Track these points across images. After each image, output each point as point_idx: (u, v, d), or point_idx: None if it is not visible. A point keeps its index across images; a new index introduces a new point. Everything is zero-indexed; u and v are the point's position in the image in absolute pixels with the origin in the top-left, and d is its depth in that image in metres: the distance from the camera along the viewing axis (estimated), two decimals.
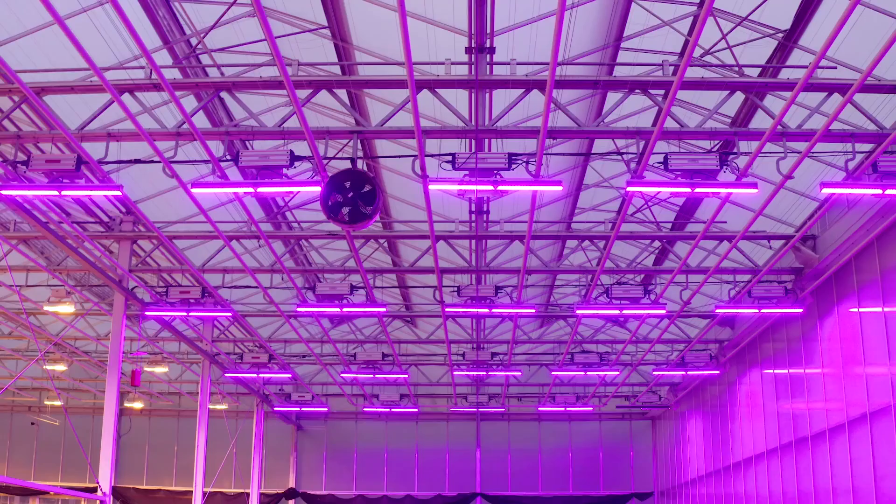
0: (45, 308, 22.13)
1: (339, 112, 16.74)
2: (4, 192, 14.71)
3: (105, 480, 20.33)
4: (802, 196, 19.33)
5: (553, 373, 29.17)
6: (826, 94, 14.45)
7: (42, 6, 10.98)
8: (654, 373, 28.98)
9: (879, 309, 18.65)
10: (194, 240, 21.10)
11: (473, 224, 20.26)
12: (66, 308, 22.12)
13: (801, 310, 21.45)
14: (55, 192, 14.56)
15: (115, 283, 20.86)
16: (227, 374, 28.63)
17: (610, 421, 40.61)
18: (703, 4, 10.81)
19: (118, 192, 14.49)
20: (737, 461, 28.42)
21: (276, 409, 35.09)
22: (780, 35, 15.26)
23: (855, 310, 19.81)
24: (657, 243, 22.34)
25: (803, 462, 22.74)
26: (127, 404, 37.39)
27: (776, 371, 25.05)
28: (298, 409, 34.23)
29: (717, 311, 21.63)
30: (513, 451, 40.70)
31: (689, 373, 28.51)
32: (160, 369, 28.90)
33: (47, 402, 37.85)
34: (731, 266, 21.36)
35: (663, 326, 25.50)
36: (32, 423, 40.93)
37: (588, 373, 27.64)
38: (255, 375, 28.20)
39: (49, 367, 28.56)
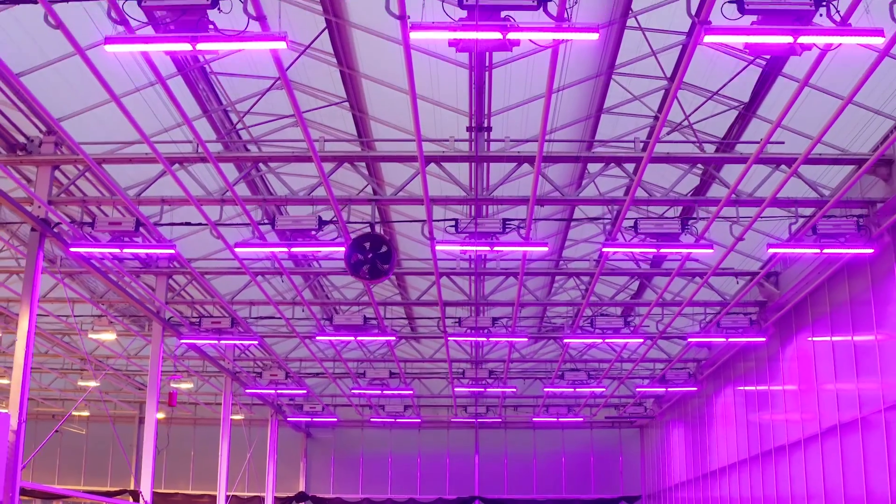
0: (90, 335, 24.71)
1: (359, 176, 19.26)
2: (74, 250, 17.30)
3: (146, 488, 22.95)
4: (768, 235, 20.35)
5: (545, 389, 31.80)
6: (775, 165, 16.85)
7: (101, 86, 12.99)
8: (638, 389, 31.61)
9: (829, 338, 21.29)
10: (224, 275, 23.64)
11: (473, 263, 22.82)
12: (108, 335, 24.71)
13: (763, 339, 24.07)
14: (118, 250, 17.13)
15: (153, 315, 23.44)
16: (247, 391, 31.24)
17: (600, 429, 43.23)
18: (674, 80, 12.59)
19: (171, 251, 17.06)
20: (713, 469, 31.09)
21: (289, 419, 37.70)
22: (741, 106, 17.17)
23: (810, 339, 22.43)
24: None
25: (769, 471, 25.40)
26: None
27: (746, 388, 27.71)
28: (310, 419, 36.83)
29: (690, 339, 24.22)
30: (509, 456, 43.32)
31: (669, 389, 31.15)
32: (186, 385, 31.50)
33: (75, 413, 40.35)
34: (703, 299, 23.91)
35: (647, 346, 28.05)
36: (57, 431, 43.38)
37: (577, 389, 30.27)
38: (273, 392, 30.81)
39: (83, 383, 31.13)
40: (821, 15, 10.29)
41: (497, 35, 9.93)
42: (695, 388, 31.21)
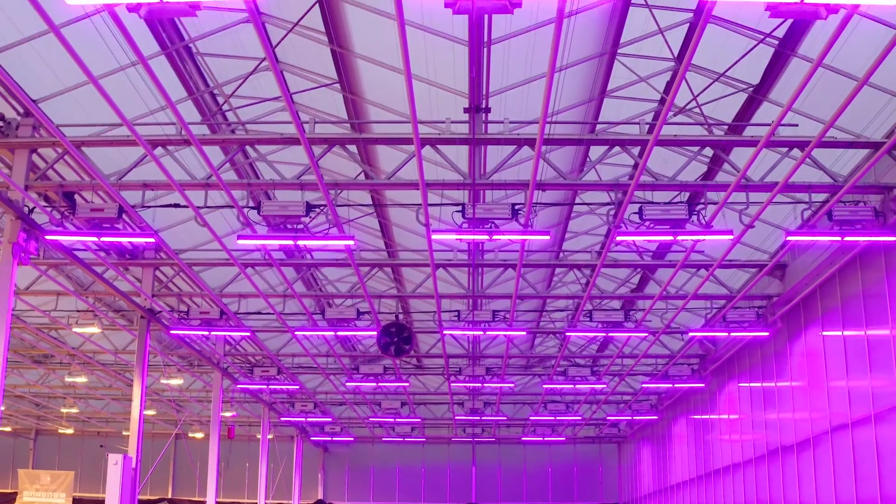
0: (163, 380, 30.73)
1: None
2: (174, 332, 23.18)
3: (211, 501, 28.97)
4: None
5: (531, 417, 37.88)
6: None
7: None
8: (608, 417, 37.69)
9: (748, 384, 27.29)
10: (272, 332, 29.55)
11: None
12: (177, 381, 30.74)
13: (702, 384, 30.13)
14: (207, 333, 23.03)
15: (214, 365, 29.41)
16: (282, 419, 37.30)
17: (582, 444, 49.21)
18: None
19: (247, 334, 23.04)
20: (673, 483, 37.19)
21: (311, 438, 43.69)
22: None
23: (739, 385, 28.44)
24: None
25: (710, 488, 31.49)
26: (191, 434, 45.90)
27: (695, 417, 33.81)
28: (330, 439, 42.82)
29: (643, 385, 30.26)
30: (502, 468, 49.39)
31: (635, 417, 37.26)
32: (228, 413, 37.54)
33: (125, 433, 46.22)
34: (655, 352, 29.79)
35: (612, 386, 34.09)
36: (101, 446, 49.16)
37: (558, 418, 36.36)
38: (304, 419, 36.88)
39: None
40: (692, 221, 16.18)
41: (485, 237, 15.88)
42: (656, 417, 37.26)
